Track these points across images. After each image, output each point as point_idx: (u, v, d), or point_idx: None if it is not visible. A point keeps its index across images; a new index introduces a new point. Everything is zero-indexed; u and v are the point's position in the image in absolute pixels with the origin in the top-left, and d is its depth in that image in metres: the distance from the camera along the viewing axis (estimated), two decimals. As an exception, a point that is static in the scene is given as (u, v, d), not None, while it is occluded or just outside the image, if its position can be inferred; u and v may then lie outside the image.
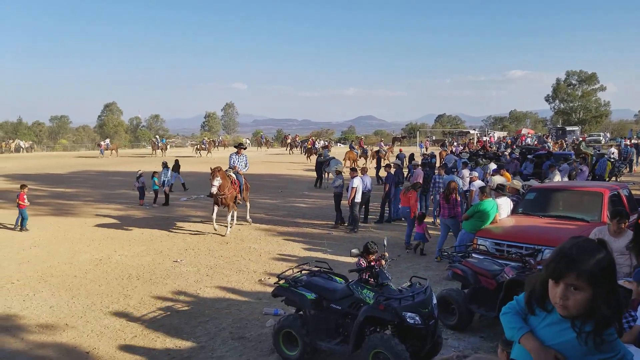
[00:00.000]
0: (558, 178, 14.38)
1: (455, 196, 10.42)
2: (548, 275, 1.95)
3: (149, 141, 51.00)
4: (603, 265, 1.87)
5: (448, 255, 7.40)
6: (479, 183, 11.88)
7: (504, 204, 9.41)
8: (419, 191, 11.99)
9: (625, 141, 38.25)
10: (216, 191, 11.92)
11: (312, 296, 5.63)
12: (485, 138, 51.65)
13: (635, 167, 27.69)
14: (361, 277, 5.51)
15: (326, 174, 22.46)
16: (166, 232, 13.10)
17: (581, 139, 38.18)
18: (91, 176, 28.09)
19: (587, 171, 17.21)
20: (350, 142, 44.13)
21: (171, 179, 20.07)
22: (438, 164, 20.36)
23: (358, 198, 12.97)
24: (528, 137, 49.28)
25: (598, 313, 1.87)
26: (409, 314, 4.95)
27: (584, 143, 29.60)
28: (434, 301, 5.27)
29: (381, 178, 21.51)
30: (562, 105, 72.49)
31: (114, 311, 7.56)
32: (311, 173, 22.97)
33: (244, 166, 13.44)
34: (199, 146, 44.91)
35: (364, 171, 14.32)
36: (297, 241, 12.10)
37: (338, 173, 14.74)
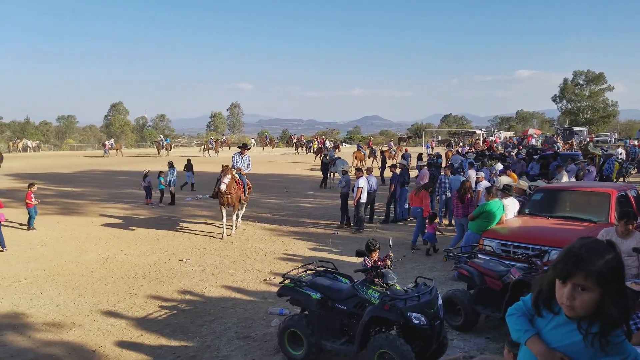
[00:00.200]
0: (565, 179, 14.31)
1: (470, 196, 10.41)
2: (556, 275, 1.93)
3: (153, 142, 51.12)
4: (612, 265, 1.85)
5: (454, 255, 7.38)
6: (485, 183, 11.84)
7: (511, 205, 9.37)
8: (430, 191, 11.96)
9: (631, 141, 38.01)
10: (225, 188, 11.87)
11: (318, 296, 5.63)
12: (491, 138, 51.49)
13: None
14: (367, 277, 5.50)
15: (332, 174, 22.46)
16: (172, 232, 13.13)
17: (589, 140, 37.94)
18: (97, 175, 28.21)
19: (595, 172, 17.11)
20: (357, 142, 44.04)
21: (187, 179, 20.88)
22: (444, 164, 20.31)
23: (363, 198, 12.96)
24: (534, 138, 48.97)
25: (605, 314, 1.85)
26: (415, 315, 4.93)
27: (592, 143, 29.41)
28: (440, 302, 5.26)
29: (385, 178, 21.50)
30: (570, 105, 72.10)
31: (120, 310, 7.59)
32: (318, 173, 22.98)
33: (247, 167, 13.43)
34: (206, 146, 45.02)
35: (369, 171, 14.31)
36: (302, 241, 12.10)
37: (344, 173, 14.74)
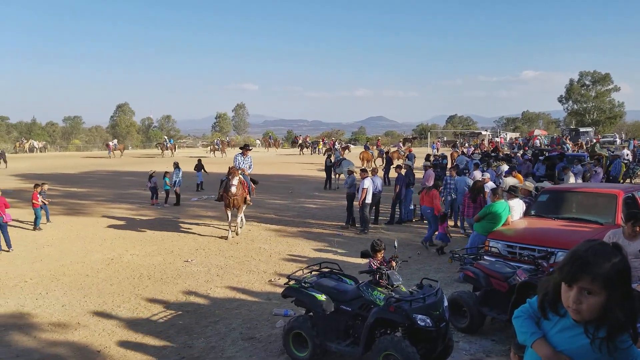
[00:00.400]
0: (572, 180, 14.23)
1: (483, 196, 10.37)
2: (562, 278, 1.92)
3: (156, 143, 51.26)
4: (618, 268, 1.84)
5: (460, 257, 7.35)
6: (491, 185, 11.79)
7: (516, 206, 9.32)
8: (442, 190, 11.93)
9: (635, 142, 37.73)
10: (235, 191, 11.82)
11: (322, 297, 5.62)
12: (496, 139, 51.31)
13: None
14: (373, 279, 5.48)
15: (337, 175, 22.45)
16: (177, 232, 13.16)
17: (595, 140, 37.72)
18: (103, 176, 28.32)
19: (602, 173, 17.02)
20: (365, 143, 43.94)
21: (198, 179, 21.43)
22: (449, 165, 20.25)
23: (369, 199, 12.93)
24: (538, 139, 48.63)
25: (612, 318, 1.84)
26: (420, 316, 4.91)
27: (598, 144, 29.24)
28: (445, 303, 5.23)
29: (391, 179, 21.47)
30: (576, 106, 71.74)
31: (125, 310, 7.60)
32: (324, 173, 23.05)
33: (249, 167, 13.42)
34: (213, 146, 45.07)
35: (374, 172, 14.29)
36: (307, 242, 12.09)
37: (350, 173, 14.73)
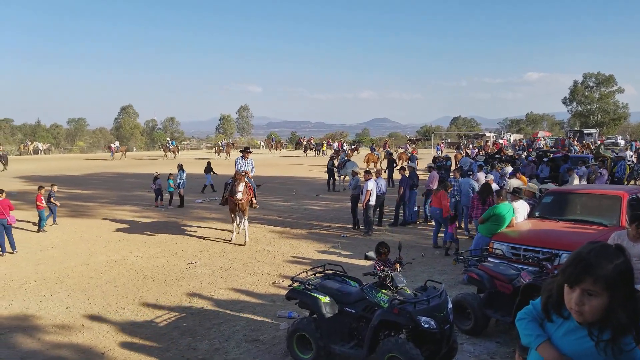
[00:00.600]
0: (577, 182, 14.18)
1: (492, 198, 10.34)
2: (564, 280, 1.92)
3: (159, 145, 51.37)
4: (621, 270, 1.84)
5: (464, 259, 7.33)
6: (494, 186, 11.76)
7: (520, 208, 9.30)
8: (450, 192, 11.89)
9: (637, 144, 37.57)
10: (241, 197, 11.69)
11: (326, 299, 5.61)
12: (500, 141, 51.16)
13: None
14: (378, 281, 5.46)
15: (343, 177, 22.44)
16: (181, 234, 13.17)
17: (599, 142, 37.57)
18: (107, 178, 28.39)
19: (607, 174, 16.96)
20: (371, 145, 43.85)
21: (207, 181, 21.60)
22: (453, 167, 20.22)
23: (372, 201, 12.92)
24: (541, 140, 48.40)
25: (614, 319, 1.84)
26: (424, 318, 4.90)
27: (603, 146, 29.12)
28: (449, 305, 5.21)
29: (395, 181, 21.46)
30: (580, 107, 71.54)
31: (129, 312, 7.61)
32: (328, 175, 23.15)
33: (251, 170, 13.39)
34: (218, 148, 45.13)
35: (378, 174, 14.27)
36: (311, 244, 12.09)
37: (354, 174, 14.72)
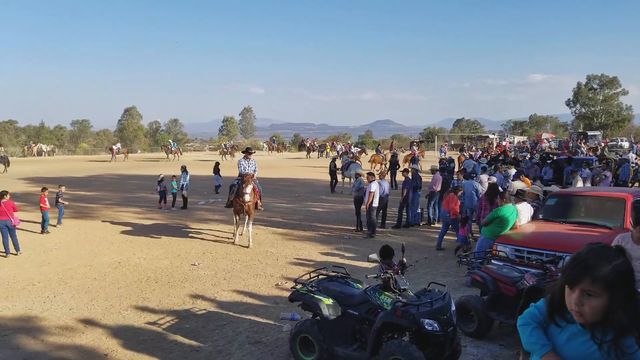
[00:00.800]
0: (580, 184, 14.14)
1: (497, 199, 10.34)
2: (564, 281, 1.94)
3: (162, 147, 51.45)
4: (619, 271, 1.85)
5: (467, 261, 7.32)
6: (497, 188, 11.74)
7: (524, 210, 9.28)
8: (459, 194, 11.87)
9: (638, 146, 37.42)
10: (249, 199, 11.64)
11: (329, 301, 5.61)
12: (502, 143, 51.07)
13: None
14: (380, 283, 5.45)
15: (349, 179, 22.44)
16: (184, 236, 13.19)
17: (603, 144, 37.45)
18: (110, 180, 28.44)
19: (611, 177, 16.90)
20: (376, 146, 43.81)
21: (216, 182, 21.75)
22: (456, 169, 20.20)
23: (376, 203, 12.91)
24: (545, 142, 48.21)
25: (614, 320, 1.84)
26: (427, 321, 4.88)
27: (607, 148, 29.02)
28: (453, 308, 5.20)
29: (397, 183, 21.45)
30: (584, 109, 71.37)
31: (132, 314, 7.62)
32: (339, 177, 23.19)
33: (254, 171, 13.36)
34: (222, 150, 45.23)
35: (382, 176, 14.26)
36: (314, 245, 12.09)
37: (357, 176, 14.71)
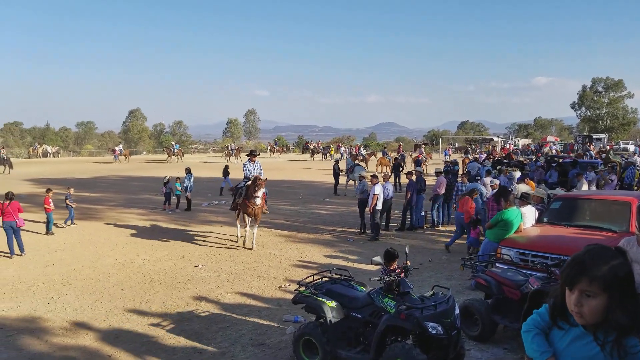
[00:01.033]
0: (586, 187, 14.09)
1: (502, 202, 10.31)
2: (562, 282, 1.96)
3: (164, 148, 51.53)
4: (617, 271, 1.86)
5: (471, 264, 7.29)
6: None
7: (529, 213, 9.24)
8: (475, 197, 11.86)
9: None
10: (260, 202, 11.53)
11: (333, 304, 5.60)
12: (507, 145, 50.94)
13: None
14: (384, 286, 5.44)
15: (354, 182, 22.45)
16: (188, 238, 13.20)
17: (608, 147, 37.28)
18: (114, 181, 28.50)
19: (616, 180, 16.84)
20: (382, 149, 43.78)
21: (224, 184, 21.79)
22: (461, 172, 20.16)
23: (379, 205, 12.90)
24: (551, 144, 48.04)
25: (613, 320, 1.85)
26: (431, 324, 4.87)
27: (612, 151, 28.90)
28: (457, 311, 5.18)
29: (401, 185, 21.44)
30: (589, 112, 71.17)
31: (136, 315, 7.63)
32: (341, 179, 23.21)
33: (259, 174, 13.35)
34: (227, 152, 45.29)
35: (386, 178, 14.25)
36: (318, 248, 12.08)
37: (361, 179, 14.70)
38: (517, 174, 15.68)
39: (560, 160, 22.32)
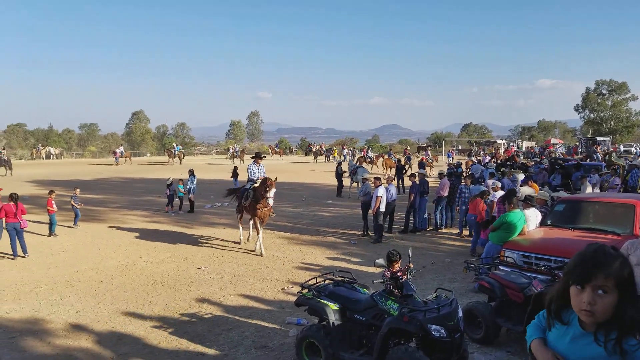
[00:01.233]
0: (590, 190, 14.03)
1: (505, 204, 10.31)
2: (574, 280, 1.93)
3: (165, 150, 51.56)
4: (627, 267, 1.89)
5: (475, 267, 7.27)
6: (502, 193, 11.68)
7: (532, 216, 9.22)
8: (486, 199, 11.85)
9: None
10: (272, 203, 11.45)
11: (336, 306, 5.58)
12: (509, 147, 50.90)
13: None
14: (386, 288, 5.43)
15: (358, 184, 22.42)
16: (191, 240, 13.20)
17: (612, 150, 37.19)
18: (117, 183, 28.57)
19: (620, 183, 16.78)
20: (388, 150, 43.79)
21: (233, 185, 21.25)
22: (464, 174, 20.12)
23: (383, 207, 12.89)
24: (555, 147, 47.92)
25: (626, 317, 1.85)
26: (434, 327, 4.85)
27: (615, 154, 28.83)
28: (460, 314, 5.16)
29: (404, 188, 21.42)
30: (592, 115, 70.98)
31: (139, 317, 7.62)
32: (345, 181, 23.21)
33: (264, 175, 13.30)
34: (232, 153, 45.28)
35: (389, 181, 14.23)
36: (321, 250, 12.06)
37: (365, 181, 14.68)
38: (521, 177, 15.64)
39: (563, 162, 22.26)
